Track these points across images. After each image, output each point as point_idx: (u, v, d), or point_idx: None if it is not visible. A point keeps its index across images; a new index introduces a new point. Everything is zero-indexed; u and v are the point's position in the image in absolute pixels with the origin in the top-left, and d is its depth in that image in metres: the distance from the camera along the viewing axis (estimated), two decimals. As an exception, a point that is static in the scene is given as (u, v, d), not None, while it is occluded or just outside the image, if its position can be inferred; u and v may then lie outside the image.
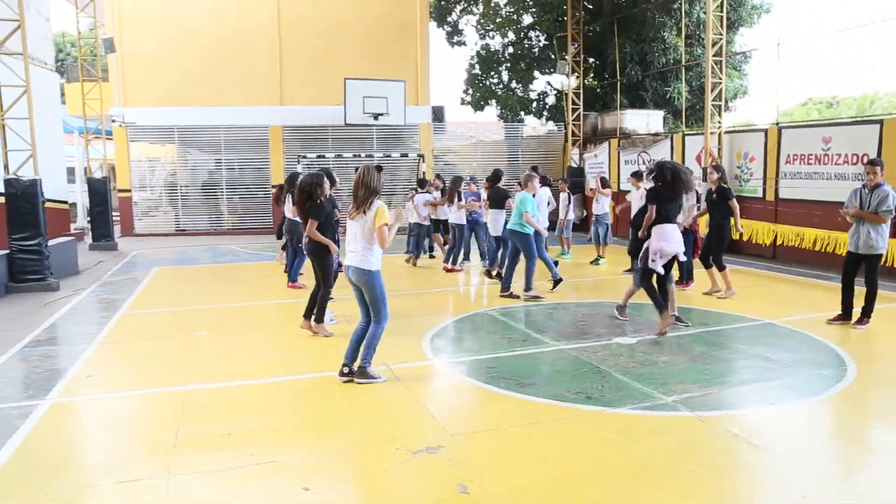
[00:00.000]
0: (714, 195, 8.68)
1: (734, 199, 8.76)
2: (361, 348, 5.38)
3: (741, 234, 11.41)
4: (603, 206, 11.65)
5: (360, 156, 17.62)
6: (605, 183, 11.64)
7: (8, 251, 9.99)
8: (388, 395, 5.14)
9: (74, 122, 18.48)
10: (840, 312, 7.05)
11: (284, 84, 18.17)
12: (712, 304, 8.25)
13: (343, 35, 18.15)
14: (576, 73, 18.32)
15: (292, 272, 9.73)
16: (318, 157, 17.21)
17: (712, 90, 13.27)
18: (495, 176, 10.25)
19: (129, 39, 17.27)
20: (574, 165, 18.18)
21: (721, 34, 13.15)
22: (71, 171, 19.22)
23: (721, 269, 8.66)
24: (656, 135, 15.94)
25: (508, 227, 8.72)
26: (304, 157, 16.94)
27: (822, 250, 11.03)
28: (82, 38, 15.48)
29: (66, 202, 16.35)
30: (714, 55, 13.21)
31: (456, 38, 23.81)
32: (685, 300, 8.43)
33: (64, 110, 18.52)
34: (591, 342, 6.55)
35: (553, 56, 19.77)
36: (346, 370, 5.38)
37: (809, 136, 11.69)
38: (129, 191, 18.05)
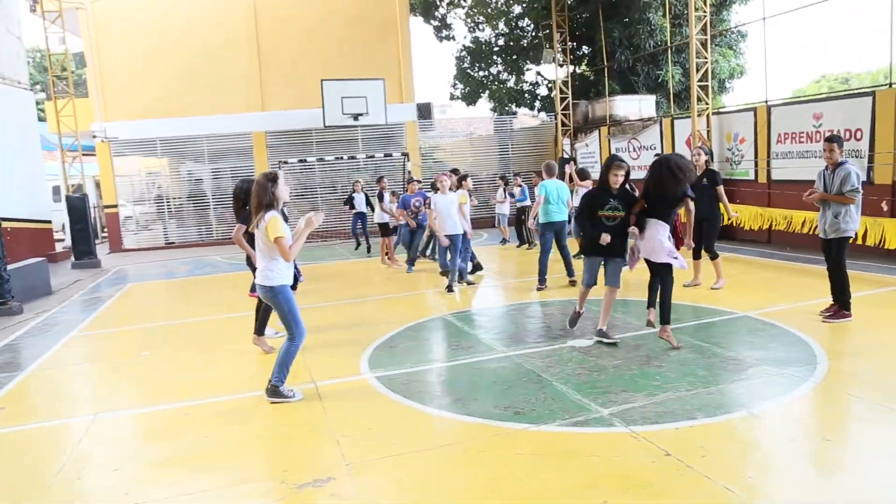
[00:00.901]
0: (704, 179, 8.00)
1: (721, 186, 8.18)
2: (274, 366, 4.97)
3: (734, 220, 10.65)
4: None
5: (342, 158, 17.23)
6: (583, 174, 11.09)
7: (-33, 275, 9.74)
8: (301, 416, 4.71)
9: (56, 139, 18.33)
10: (832, 303, 6.43)
11: (265, 89, 17.86)
12: (689, 297, 7.68)
13: (322, 36, 17.79)
14: (563, 62, 17.73)
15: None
16: (300, 161, 16.86)
17: (698, 70, 12.63)
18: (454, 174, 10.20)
19: (105, 53, 17.08)
20: (566, 156, 17.57)
21: (705, 12, 12.50)
22: (57, 190, 19.14)
23: (714, 257, 8.11)
24: (645, 120, 15.31)
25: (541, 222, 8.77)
26: (286, 162, 16.60)
27: (813, 233, 10.36)
28: (53, 54, 15.24)
29: (48, 221, 16.20)
30: (699, 33, 12.56)
31: (444, 33, 23.32)
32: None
33: (45, 128, 18.40)
34: (544, 346, 6.07)
35: (542, 45, 19.17)
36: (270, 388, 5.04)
37: (800, 113, 11.03)
38: (115, 206, 17.86)
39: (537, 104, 21.60)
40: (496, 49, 22.67)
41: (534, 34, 21.09)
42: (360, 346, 6.49)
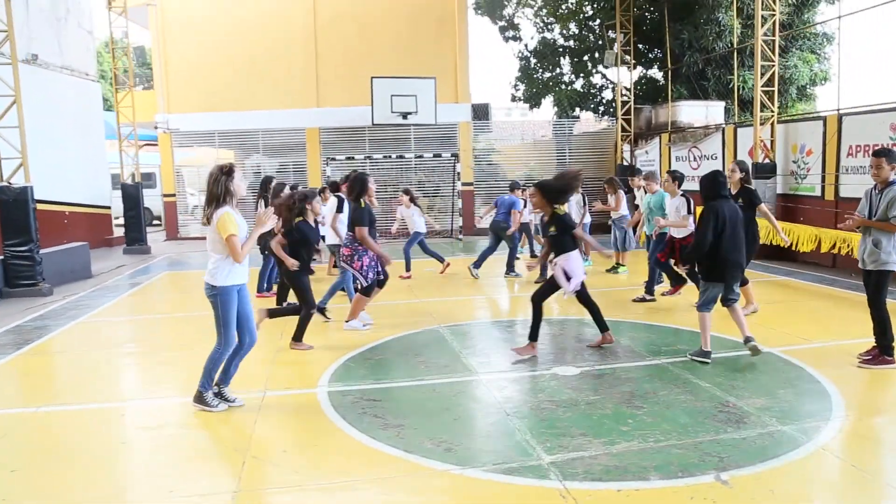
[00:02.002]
0: (739, 200, 6.90)
1: (763, 204, 7.25)
2: (202, 370, 4.65)
3: (789, 244, 9.46)
4: (620, 208, 10.33)
5: (390, 157, 16.98)
6: (615, 184, 10.32)
7: (2, 257, 10.09)
8: (228, 429, 4.37)
9: (125, 129, 19.04)
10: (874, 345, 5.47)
11: (321, 86, 17.86)
12: (713, 326, 6.81)
13: (378, 33, 17.61)
14: (626, 64, 16.77)
15: (267, 281, 9.30)
16: (347, 158, 16.74)
17: (762, 74, 11.50)
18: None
19: (171, 47, 17.57)
20: (625, 163, 16.62)
21: (774, 11, 11.37)
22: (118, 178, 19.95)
23: (744, 283, 7.21)
24: (707, 128, 14.18)
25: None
26: (333, 159, 16.52)
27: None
28: (116, 45, 15.80)
29: (108, 207, 16.83)
30: (766, 34, 11.44)
31: (511, 33, 22.68)
32: (678, 317, 7.08)
33: (112, 117, 19.16)
34: (525, 371, 5.47)
35: (604, 46, 18.23)
36: (215, 389, 4.78)
37: (875, 124, 9.76)
38: (173, 195, 18.37)
39: (602, 108, 20.61)
40: (564, 50, 21.82)
41: (599, 35, 20.14)
42: (338, 352, 6.14)
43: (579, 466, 3.66)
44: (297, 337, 6.38)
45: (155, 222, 21.48)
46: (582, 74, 21.51)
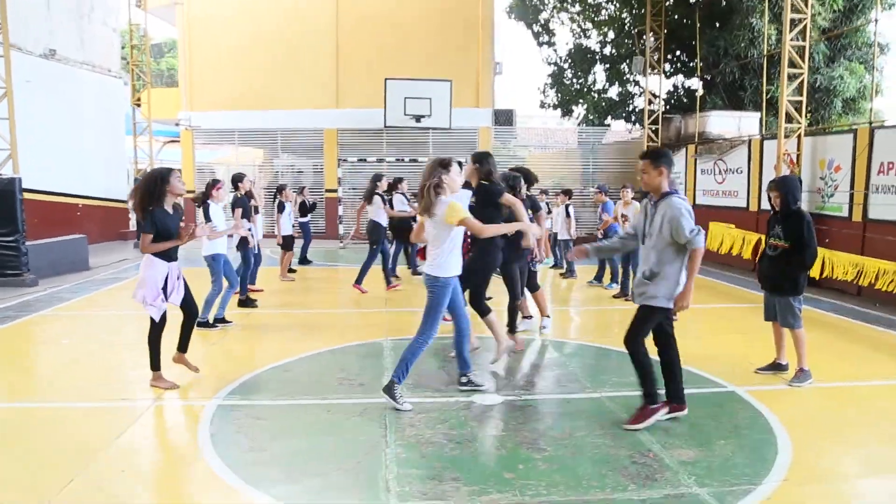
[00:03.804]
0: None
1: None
2: (399, 360, 4.72)
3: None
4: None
5: (403, 160, 16.56)
6: (605, 192, 9.63)
7: (-12, 246, 10.11)
8: (78, 437, 3.95)
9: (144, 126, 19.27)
10: None
11: (341, 87, 17.65)
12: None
13: (400, 36, 17.28)
14: (655, 70, 15.88)
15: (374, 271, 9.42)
16: (360, 160, 16.42)
17: (789, 82, 10.52)
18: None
19: (196, 45, 17.69)
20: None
21: (804, 13, 10.39)
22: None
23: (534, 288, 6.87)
24: (732, 140, 13.18)
25: None
26: (345, 160, 16.22)
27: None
28: (135, 46, 15.96)
29: (124, 201, 16.99)
30: (795, 38, 10.47)
31: (545, 38, 21.97)
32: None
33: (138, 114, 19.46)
34: (444, 397, 4.88)
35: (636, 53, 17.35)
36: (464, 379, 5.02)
37: (910, 138, 8.74)
38: (192, 192, 18.43)
39: (633, 117, 19.67)
40: (598, 57, 20.98)
41: (635, 42, 19.24)
42: (259, 363, 5.72)
43: (421, 522, 3.08)
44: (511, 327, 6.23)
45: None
46: (617, 82, 20.63)
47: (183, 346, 5.17)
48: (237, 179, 8.57)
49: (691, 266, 4.11)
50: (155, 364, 4.98)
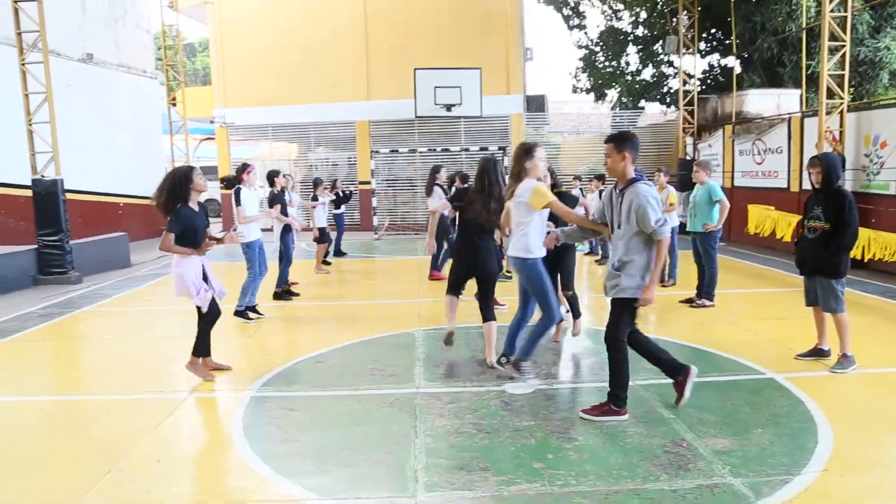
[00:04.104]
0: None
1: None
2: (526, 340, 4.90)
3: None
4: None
5: (435, 150, 16.52)
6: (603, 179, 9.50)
7: (36, 247, 10.45)
8: (117, 432, 4.06)
9: (189, 124, 19.64)
10: None
11: (371, 79, 17.68)
12: (719, 342, 5.90)
13: (429, 25, 17.21)
14: (689, 50, 15.47)
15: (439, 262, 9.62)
16: (392, 151, 16.44)
17: (830, 56, 10.13)
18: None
19: (228, 43, 17.92)
20: (688, 158, 15.36)
21: (846, -19, 9.98)
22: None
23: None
24: (771, 118, 12.78)
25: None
26: (377, 152, 16.27)
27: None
28: (169, 46, 16.26)
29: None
30: (835, 8, 10.06)
31: (576, 21, 21.60)
32: (706, 332, 6.19)
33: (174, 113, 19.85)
34: (475, 387, 4.86)
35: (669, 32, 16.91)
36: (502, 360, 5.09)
37: (961, 111, 8.33)
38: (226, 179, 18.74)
39: (668, 99, 19.23)
40: (631, 38, 20.54)
41: (668, 21, 18.77)
42: (293, 355, 5.81)
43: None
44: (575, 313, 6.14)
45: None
46: (651, 63, 20.18)
47: (205, 351, 5.20)
48: (272, 176, 8.68)
49: (657, 258, 4.00)
50: (198, 350, 5.06)
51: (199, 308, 4.99)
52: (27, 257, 10.28)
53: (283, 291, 8.52)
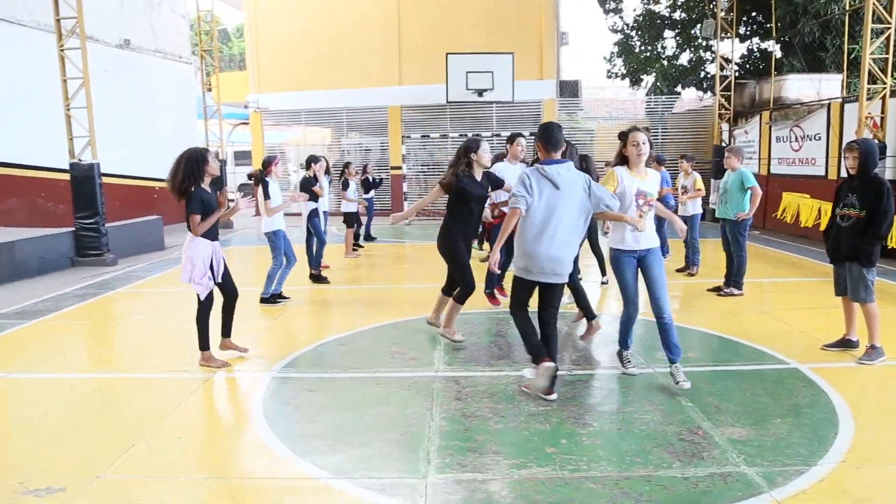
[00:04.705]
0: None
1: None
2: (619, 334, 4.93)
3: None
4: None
5: (465, 135, 16.45)
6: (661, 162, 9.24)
7: (73, 229, 10.77)
8: (134, 410, 4.20)
9: (224, 109, 19.91)
10: None
11: (403, 63, 17.67)
12: (746, 332, 5.80)
13: (461, 10, 17.10)
14: (727, 34, 15.07)
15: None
16: (423, 136, 16.44)
17: (874, 39, 9.78)
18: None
19: (262, 29, 18.10)
20: (724, 144, 15.02)
21: (892, -40, 9.59)
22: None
23: None
24: (810, 104, 12.40)
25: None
26: (409, 137, 16.28)
27: None
28: (204, 30, 16.49)
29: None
30: (879, -10, 9.70)
31: (612, 5, 21.21)
32: (733, 321, 6.10)
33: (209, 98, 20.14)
34: (492, 371, 4.89)
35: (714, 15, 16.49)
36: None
37: None
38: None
39: (706, 84, 18.79)
40: (668, 22, 20.10)
41: (706, 4, 18.30)
42: (316, 338, 5.91)
43: (458, 492, 3.11)
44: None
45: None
46: (688, 48, 19.72)
47: (226, 330, 5.27)
48: (311, 161, 8.82)
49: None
50: (203, 344, 5.10)
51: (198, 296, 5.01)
52: (65, 239, 10.61)
53: (318, 274, 8.65)
